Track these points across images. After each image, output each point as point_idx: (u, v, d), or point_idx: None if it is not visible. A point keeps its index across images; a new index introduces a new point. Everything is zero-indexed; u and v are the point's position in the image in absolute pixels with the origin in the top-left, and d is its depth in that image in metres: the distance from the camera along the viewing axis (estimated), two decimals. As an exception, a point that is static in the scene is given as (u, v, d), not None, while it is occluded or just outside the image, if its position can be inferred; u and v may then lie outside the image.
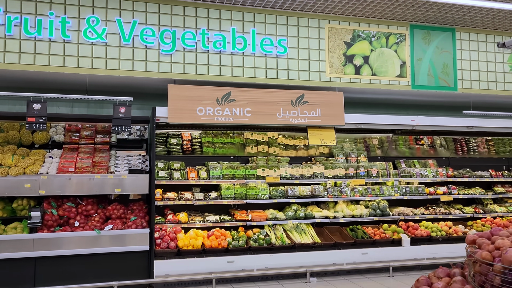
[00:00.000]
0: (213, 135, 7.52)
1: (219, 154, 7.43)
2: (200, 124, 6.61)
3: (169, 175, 6.61)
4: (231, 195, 6.80)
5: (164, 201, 6.48)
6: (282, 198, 7.02)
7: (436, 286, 2.45)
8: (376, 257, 6.82)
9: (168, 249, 6.09)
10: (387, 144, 8.42)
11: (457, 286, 2.32)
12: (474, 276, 2.27)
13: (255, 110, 6.50)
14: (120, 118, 5.91)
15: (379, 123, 7.18)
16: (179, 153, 7.25)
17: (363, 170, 7.48)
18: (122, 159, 6.60)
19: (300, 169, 7.20)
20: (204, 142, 7.38)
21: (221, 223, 6.65)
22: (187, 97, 6.25)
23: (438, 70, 7.40)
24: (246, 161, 7.51)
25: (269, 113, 6.55)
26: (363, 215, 7.30)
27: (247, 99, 6.49)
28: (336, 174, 7.34)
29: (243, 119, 6.44)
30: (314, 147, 7.91)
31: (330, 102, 6.85)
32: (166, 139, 7.29)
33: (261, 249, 6.45)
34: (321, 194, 7.15)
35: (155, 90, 6.98)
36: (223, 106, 6.38)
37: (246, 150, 7.57)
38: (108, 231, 5.83)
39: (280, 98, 6.63)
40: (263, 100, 6.55)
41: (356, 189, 7.43)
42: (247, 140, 7.61)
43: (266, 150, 7.67)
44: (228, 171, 6.86)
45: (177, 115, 6.17)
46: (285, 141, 7.90)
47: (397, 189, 7.61)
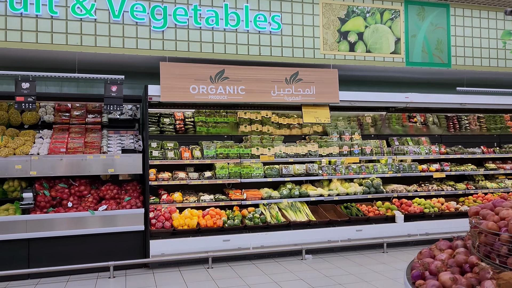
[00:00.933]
0: (206, 114, 7.43)
1: (212, 134, 7.35)
2: (193, 103, 6.51)
3: (162, 154, 6.54)
4: (226, 174, 6.76)
5: (158, 181, 6.42)
6: (276, 177, 7.00)
7: (439, 258, 2.45)
8: (370, 233, 6.87)
9: (163, 229, 6.06)
10: (381, 122, 8.41)
11: (461, 257, 2.32)
12: (478, 247, 2.26)
13: (249, 88, 6.41)
14: (112, 97, 5.78)
15: (373, 100, 7.15)
16: (172, 132, 7.16)
17: (357, 148, 7.48)
18: (115, 139, 6.49)
19: (295, 148, 7.17)
20: (197, 122, 7.29)
21: (216, 203, 6.63)
22: (180, 75, 6.13)
23: (432, 46, 7.36)
24: (240, 140, 7.45)
25: (263, 91, 6.47)
26: (357, 193, 7.33)
27: (241, 77, 6.39)
28: (331, 152, 7.33)
29: (237, 97, 6.35)
30: (308, 126, 7.87)
31: (325, 80, 6.79)
32: (158, 119, 7.18)
33: (257, 228, 6.45)
34: (315, 172, 7.15)
35: (147, 69, 6.84)
36: (217, 84, 6.28)
37: (239, 129, 7.51)
38: (103, 211, 5.77)
39: (274, 76, 6.54)
40: (257, 77, 6.46)
41: (350, 167, 7.43)
42: (241, 119, 7.54)
43: (260, 129, 7.61)
44: (222, 150, 6.80)
45: (170, 93, 6.06)
46: (278, 120, 7.84)
47: (391, 167, 7.64)
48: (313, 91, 6.71)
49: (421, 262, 2.42)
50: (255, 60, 6.48)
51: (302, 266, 5.92)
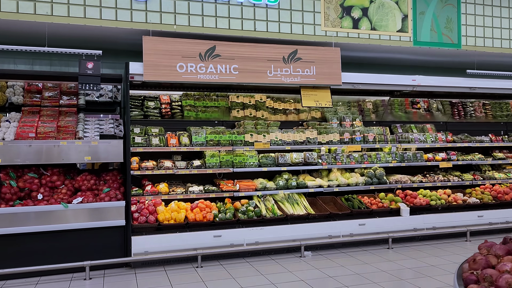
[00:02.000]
0: (195, 97, 6.77)
1: (202, 119, 6.70)
2: (181, 83, 5.83)
3: (146, 141, 5.87)
4: (217, 163, 6.13)
5: (142, 171, 5.76)
6: (272, 166, 6.39)
7: (503, 268, 1.86)
8: (374, 228, 6.32)
9: (147, 224, 5.42)
10: (382, 108, 7.83)
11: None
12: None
13: (243, 67, 5.76)
14: (87, 74, 5.09)
15: (378, 83, 6.56)
16: (157, 117, 6.49)
17: (359, 135, 6.90)
18: (92, 123, 5.80)
19: (292, 134, 6.55)
20: (185, 106, 6.63)
21: (206, 194, 6.01)
22: (165, 52, 5.45)
23: (441, 25, 6.77)
24: (232, 126, 6.82)
25: (259, 71, 5.82)
26: (359, 184, 6.77)
27: (234, 54, 5.73)
28: (331, 139, 6.73)
29: (229, 78, 5.70)
30: (306, 111, 7.26)
31: (326, 59, 6.16)
32: (142, 102, 6.50)
33: (251, 222, 5.85)
34: (314, 161, 6.55)
35: (129, 46, 6.14)
36: (207, 62, 5.61)
37: (231, 115, 6.87)
38: (77, 204, 5.11)
39: (270, 54, 5.90)
40: (251, 56, 5.80)
41: (352, 156, 6.86)
42: (233, 104, 6.90)
43: (254, 114, 6.98)
44: (212, 136, 6.16)
45: (154, 72, 5.38)
46: (273, 105, 7.21)
47: (395, 156, 7.08)
48: (313, 71, 6.08)
49: (480, 275, 1.82)
50: (249, 36, 5.82)
51: (301, 265, 5.34)
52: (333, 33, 6.17)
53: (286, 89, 7.01)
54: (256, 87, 6.77)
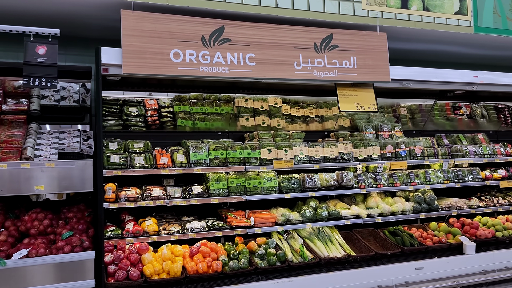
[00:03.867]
0: (191, 102, 5.14)
1: (200, 129, 5.08)
2: (175, 78, 4.16)
3: (126, 161, 4.20)
4: (224, 190, 4.50)
5: (120, 202, 4.08)
6: (297, 191, 4.79)
7: None
8: (434, 272, 4.75)
9: (128, 281, 3.73)
10: (420, 115, 6.34)
11: None
12: None
13: (262, 57, 4.16)
14: (38, 63, 3.41)
15: (433, 80, 5.04)
16: (142, 128, 4.84)
17: (404, 148, 5.35)
18: (49, 137, 4.11)
19: (321, 149, 4.96)
20: (178, 113, 5.00)
21: (210, 233, 4.35)
22: (154, 33, 3.82)
23: (505, 7, 5.32)
24: (240, 139, 5.21)
25: (283, 62, 4.24)
26: (406, 211, 5.21)
27: (250, 39, 4.14)
28: (369, 154, 5.17)
29: (243, 71, 4.09)
30: (332, 119, 5.70)
31: (369, 48, 4.63)
32: (121, 108, 4.86)
33: (273, 271, 4.23)
34: (350, 183, 4.98)
35: (102, 30, 4.47)
36: (213, 49, 4.00)
37: (239, 124, 5.27)
38: (21, 259, 3.38)
39: (298, 40, 4.33)
40: (273, 41, 4.22)
41: (395, 176, 5.30)
42: (241, 109, 5.29)
43: (267, 123, 5.39)
44: (218, 153, 4.52)
45: (137, 61, 3.74)
46: (291, 111, 5.63)
47: (447, 174, 5.55)
48: (354, 64, 4.53)
49: None
50: (269, 15, 4.25)
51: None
52: (377, 13, 4.64)
53: (305, 89, 5.46)
54: (270, 86, 5.19)
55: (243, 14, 4.15)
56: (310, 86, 5.23)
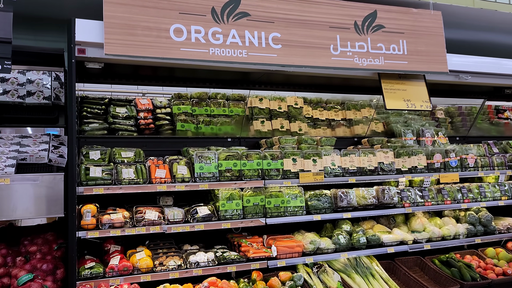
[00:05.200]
0: (194, 101, 4.17)
1: (206, 135, 4.09)
2: (176, 65, 3.10)
3: (111, 174, 3.19)
4: (237, 211, 3.49)
5: (103, 230, 3.05)
6: (328, 212, 3.79)
7: None
8: (504, 314, 3.74)
9: None
10: (459, 118, 5.41)
11: None
12: None
13: (289, 38, 3.18)
14: (-18, 37, 2.40)
15: (495, 73, 4.08)
16: (132, 132, 3.85)
17: (455, 157, 4.37)
18: (7, 143, 3.09)
19: (357, 158, 3.97)
20: (178, 114, 4.03)
21: (221, 268, 3.33)
22: (148, 2, 2.83)
23: None
24: (254, 147, 4.24)
25: (316, 45, 3.26)
26: (459, 235, 4.23)
27: (273, 14, 3.16)
28: (414, 165, 4.18)
29: (266, 55, 3.10)
30: (362, 122, 4.74)
31: (421, 30, 3.67)
32: (106, 109, 3.87)
33: (305, 319, 3.20)
34: (392, 201, 3.98)
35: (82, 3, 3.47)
36: (226, 26, 3.01)
37: (252, 128, 4.29)
38: (-46, 319, 2.33)
39: (334, 17, 3.36)
40: (303, 18, 3.25)
41: (445, 191, 4.32)
42: (254, 110, 4.32)
43: (286, 127, 4.41)
44: (231, 163, 3.51)
45: (125, 38, 2.74)
46: (312, 113, 4.67)
47: (503, 188, 4.58)
48: (403, 49, 3.57)
49: None
50: (298, -15, 3.28)
51: None
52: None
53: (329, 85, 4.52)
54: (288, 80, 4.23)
55: (265, -18, 3.18)
56: (336, 80, 4.26)
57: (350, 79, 4.15)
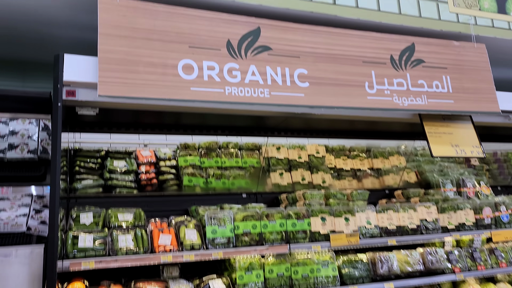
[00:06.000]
0: (202, 152, 3.65)
1: (217, 190, 3.54)
2: (184, 109, 2.58)
3: (105, 243, 2.59)
4: (258, 284, 2.85)
5: (91, 316, 2.41)
6: (367, 281, 3.13)
7: None
8: None
9: None
10: (495, 165, 4.86)
11: None
12: None
13: (318, 74, 2.70)
14: None
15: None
16: (132, 190, 3.31)
17: (506, 212, 3.77)
18: (-22, 206, 2.52)
19: (396, 215, 3.37)
20: (184, 167, 3.50)
21: None
22: (153, 34, 2.37)
23: None
24: (273, 203, 3.66)
25: (349, 83, 2.77)
26: (520, 306, 3.52)
27: (298, 48, 2.70)
28: (462, 221, 3.57)
29: (292, 95, 2.60)
30: (393, 172, 4.18)
31: (465, 64, 3.20)
32: (102, 162, 3.34)
33: None
34: (441, 267, 3.33)
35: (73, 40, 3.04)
36: (245, 61, 2.54)
37: (270, 181, 3.74)
38: None
39: (367, 51, 2.90)
40: (333, 53, 2.78)
41: (498, 252, 3.67)
42: (272, 161, 3.79)
43: (308, 179, 3.85)
44: (249, 225, 2.92)
45: (124, 76, 2.24)
46: (335, 162, 4.13)
47: (562, 246, 3.93)
48: (448, 86, 3.08)
49: None
50: (325, 15, 2.84)
51: None
52: (468, 18, 3.27)
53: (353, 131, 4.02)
54: (308, 125, 3.72)
55: (287, 12, 2.75)
56: (360, 124, 3.75)
57: (376, 123, 3.64)
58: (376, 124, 3.71)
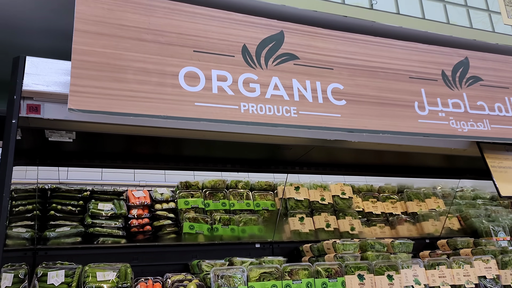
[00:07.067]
0: (207, 192, 3.05)
1: (224, 239, 2.89)
2: (186, 130, 1.98)
3: (75, 313, 1.91)
4: None
5: None
6: None
7: None
8: None
9: None
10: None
11: None
12: None
13: (356, 91, 2.12)
14: None
15: None
16: (119, 239, 2.65)
17: None
18: None
19: (448, 271, 2.69)
20: (185, 211, 2.90)
21: None
22: (146, 33, 1.80)
23: None
24: (291, 254, 2.98)
25: (395, 102, 2.18)
26: None
27: (330, 58, 2.14)
28: (528, 279, 2.87)
29: (326, 115, 2.00)
30: (433, 217, 3.53)
31: (528, 84, 2.63)
32: (85, 205, 2.72)
33: None
34: (509, 337, 2.61)
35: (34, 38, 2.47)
36: (264, 71, 1.97)
37: (288, 227, 3.10)
38: None
39: (415, 64, 2.34)
40: (372, 65, 2.22)
41: None
42: (290, 203, 3.16)
43: (334, 226, 3.20)
44: (267, 286, 2.23)
45: (106, 86, 1.65)
46: (363, 205, 3.50)
47: None
48: (510, 108, 2.48)
49: None
50: (361, 22, 2.31)
51: None
52: (525, 32, 2.75)
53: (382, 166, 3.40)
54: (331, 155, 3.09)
55: (315, 15, 2.22)
56: (389, 157, 3.12)
57: (409, 156, 3.03)
58: (409, 157, 3.10)
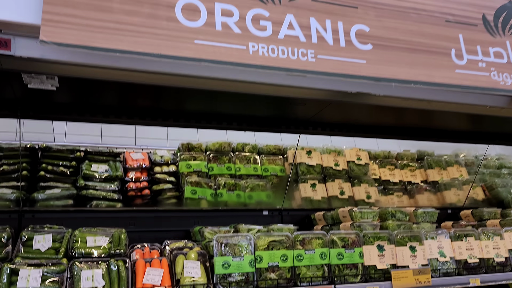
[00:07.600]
0: (211, 155, 2.79)
1: (229, 205, 2.65)
2: (184, 75, 1.71)
3: (60, 281, 1.69)
4: None
5: None
6: None
7: None
8: None
9: None
10: None
11: None
12: None
13: (383, 34, 1.81)
14: None
15: None
16: (114, 202, 2.41)
17: None
18: None
19: (476, 243, 2.43)
20: (186, 174, 2.65)
21: None
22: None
23: None
24: (302, 223, 2.74)
25: (428, 49, 1.86)
26: None
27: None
28: (562, 253, 2.60)
29: (349, 62, 1.69)
30: (454, 186, 3.25)
31: None
32: (78, 166, 2.47)
33: None
34: (540, 316, 2.36)
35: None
36: (277, 7, 1.66)
37: (298, 194, 2.86)
38: None
39: (451, 6, 2.01)
40: (402, 5, 1.90)
41: None
42: (301, 168, 2.90)
43: (348, 193, 2.95)
44: (277, 256, 2.00)
45: (86, 16, 1.37)
46: (380, 173, 3.24)
47: None
48: (561, 61, 2.15)
49: None
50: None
51: None
52: None
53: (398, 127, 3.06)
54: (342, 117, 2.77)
55: None
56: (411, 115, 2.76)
57: (432, 117, 2.68)
58: (433, 118, 2.74)
